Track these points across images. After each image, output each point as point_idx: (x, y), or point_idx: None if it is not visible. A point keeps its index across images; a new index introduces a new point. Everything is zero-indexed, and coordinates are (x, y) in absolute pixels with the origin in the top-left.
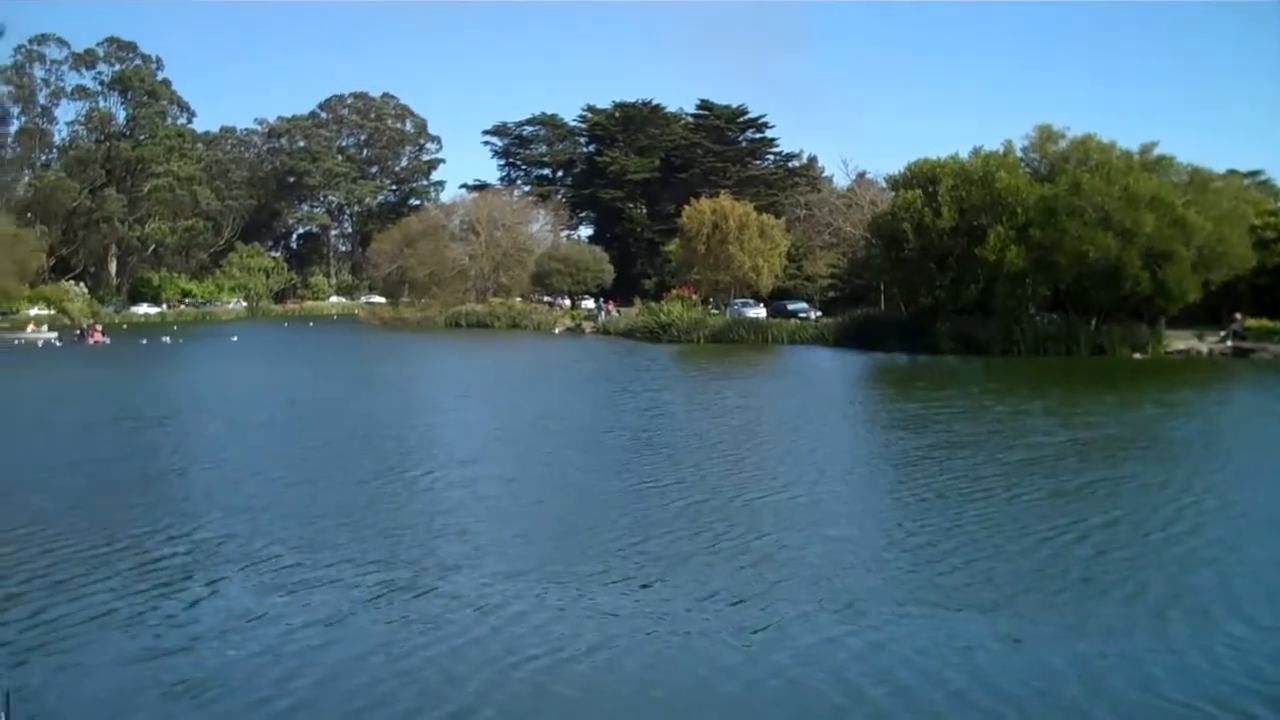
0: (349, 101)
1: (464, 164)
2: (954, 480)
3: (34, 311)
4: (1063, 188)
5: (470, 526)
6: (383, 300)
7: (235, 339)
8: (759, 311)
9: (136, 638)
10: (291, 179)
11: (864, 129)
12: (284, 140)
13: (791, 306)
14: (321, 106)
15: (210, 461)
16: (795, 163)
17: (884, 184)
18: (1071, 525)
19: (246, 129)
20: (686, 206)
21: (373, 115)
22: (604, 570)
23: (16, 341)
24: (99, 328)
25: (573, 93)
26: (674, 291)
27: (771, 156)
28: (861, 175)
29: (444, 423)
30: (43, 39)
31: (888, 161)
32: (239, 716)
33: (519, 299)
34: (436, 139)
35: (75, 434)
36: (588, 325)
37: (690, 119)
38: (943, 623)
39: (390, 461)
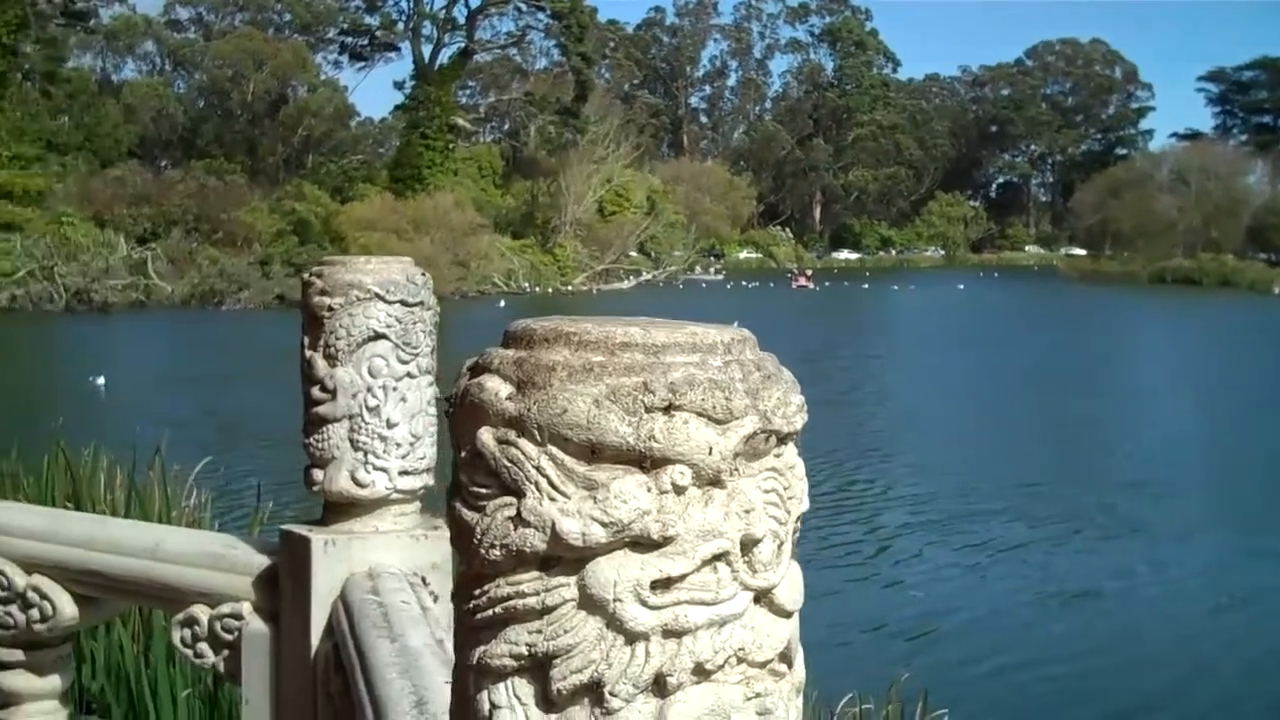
0: (1056, 48)
1: (1176, 112)
2: None
3: (743, 255)
4: None
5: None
6: (1082, 252)
7: (961, 287)
8: None
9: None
10: (994, 128)
11: None
12: (988, 89)
13: None
14: (1027, 54)
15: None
16: None
17: None
18: None
19: (950, 77)
20: None
21: (1080, 62)
22: None
23: (680, 285)
24: (807, 272)
25: None
26: None
27: None
28: None
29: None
30: None
31: None
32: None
33: (1231, 255)
34: (1147, 86)
35: None
36: None
37: None
38: None
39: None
